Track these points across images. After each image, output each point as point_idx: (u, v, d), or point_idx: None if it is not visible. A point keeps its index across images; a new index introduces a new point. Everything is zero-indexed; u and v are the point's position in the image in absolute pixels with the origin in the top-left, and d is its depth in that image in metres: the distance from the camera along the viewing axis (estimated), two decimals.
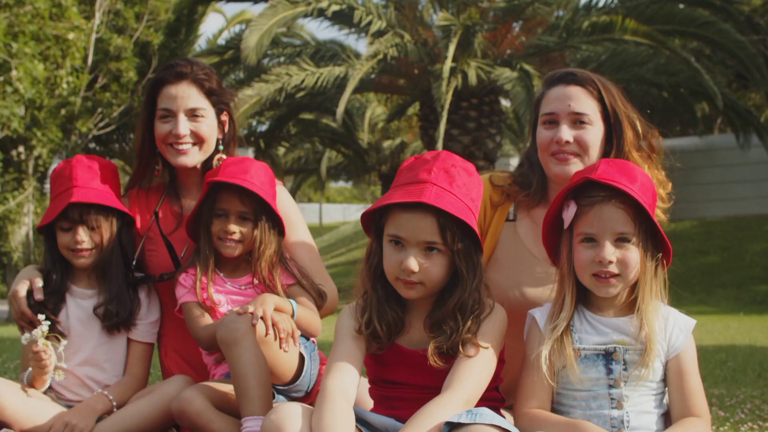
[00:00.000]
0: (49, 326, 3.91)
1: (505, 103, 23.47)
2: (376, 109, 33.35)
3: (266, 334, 3.75)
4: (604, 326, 3.30)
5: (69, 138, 22.18)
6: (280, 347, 3.81)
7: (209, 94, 4.36)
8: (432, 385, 3.22)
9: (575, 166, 3.82)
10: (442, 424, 2.97)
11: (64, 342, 4.00)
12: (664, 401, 3.33)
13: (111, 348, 4.25)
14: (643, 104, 23.65)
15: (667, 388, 3.32)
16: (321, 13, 21.67)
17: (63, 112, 21.63)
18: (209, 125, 4.37)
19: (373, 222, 3.37)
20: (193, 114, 4.32)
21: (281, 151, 34.50)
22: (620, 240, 3.23)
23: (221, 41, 28.54)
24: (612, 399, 3.25)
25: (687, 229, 24.28)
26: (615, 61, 20.35)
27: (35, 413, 3.93)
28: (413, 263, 3.19)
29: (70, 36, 19.54)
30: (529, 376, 3.32)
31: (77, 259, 4.20)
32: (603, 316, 3.32)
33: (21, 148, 21.96)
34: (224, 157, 4.38)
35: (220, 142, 4.45)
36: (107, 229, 4.23)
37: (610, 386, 3.25)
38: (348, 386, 3.17)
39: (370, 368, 3.45)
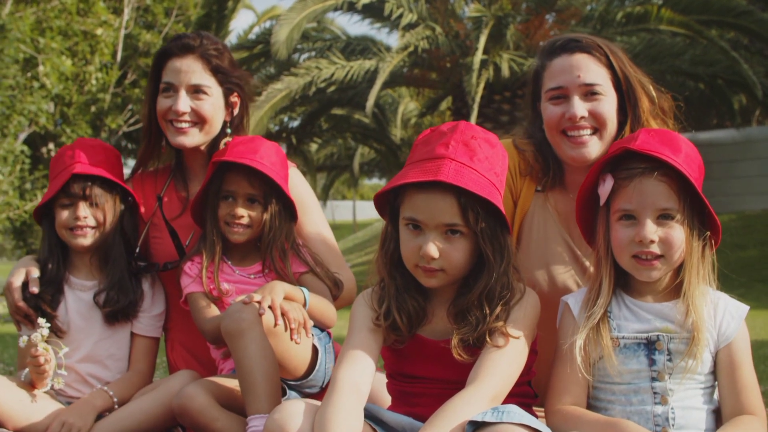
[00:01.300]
0: (49, 328, 3.62)
1: None
2: (408, 105, 33.05)
3: (275, 324, 3.45)
4: (646, 312, 2.97)
5: (99, 134, 22.05)
6: (291, 339, 3.51)
7: (216, 71, 4.07)
8: (455, 379, 2.89)
9: (594, 145, 3.51)
10: (465, 423, 2.64)
11: (65, 348, 3.68)
12: (715, 397, 3.00)
13: (113, 343, 3.98)
14: (679, 96, 23.13)
15: (717, 382, 2.98)
16: (351, 7, 21.47)
17: (93, 108, 21.52)
18: (213, 105, 4.07)
19: (388, 203, 3.04)
20: (195, 90, 4.04)
21: (313, 147, 34.31)
22: (663, 217, 2.90)
23: (252, 37, 28.32)
24: (655, 393, 2.91)
25: (725, 222, 23.69)
26: (650, 52, 19.92)
27: (31, 411, 3.67)
28: (433, 249, 2.86)
29: (98, 32, 19.39)
30: (562, 369, 2.99)
31: (76, 238, 3.92)
32: (644, 302, 2.99)
33: (51, 145, 21.87)
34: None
35: (228, 125, 4.16)
36: (110, 208, 3.97)
37: (653, 379, 2.92)
38: (360, 379, 2.85)
39: (387, 361, 3.15)
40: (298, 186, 4.08)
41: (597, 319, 2.93)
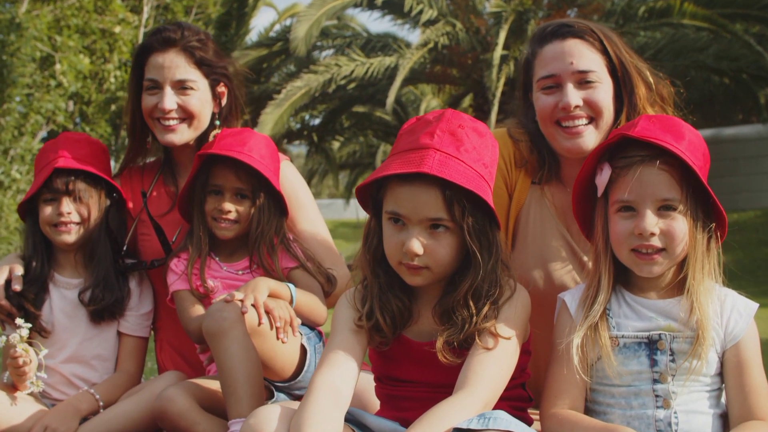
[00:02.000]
0: (30, 328, 3.47)
1: None
2: (431, 102, 32.79)
3: (259, 323, 3.28)
4: (647, 309, 2.78)
5: (118, 133, 22.00)
6: (278, 338, 3.34)
7: (201, 63, 3.91)
8: (444, 382, 2.71)
9: (590, 135, 3.32)
10: (451, 430, 2.46)
11: (44, 350, 3.53)
12: (722, 400, 2.80)
13: (99, 343, 3.83)
14: (704, 91, 22.91)
15: (724, 385, 2.78)
16: (371, 3, 21.34)
17: (112, 107, 21.44)
18: (200, 99, 3.91)
19: (371, 197, 2.86)
20: (181, 86, 3.88)
21: (335, 145, 34.17)
22: (664, 208, 2.70)
23: (272, 35, 28.25)
24: (657, 396, 2.72)
25: (750, 219, 23.38)
26: (674, 47, 19.60)
27: (12, 413, 3.52)
28: (416, 245, 2.68)
29: (117, 29, 19.28)
30: (558, 371, 2.80)
31: (60, 235, 3.78)
32: (646, 298, 2.80)
33: None
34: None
35: (216, 116, 4.00)
36: (95, 203, 3.83)
37: (655, 381, 2.72)
38: (339, 383, 2.66)
39: (374, 363, 2.97)
40: (292, 180, 3.92)
41: (596, 317, 2.75)
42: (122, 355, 3.86)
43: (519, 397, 2.90)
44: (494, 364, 2.65)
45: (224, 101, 4.03)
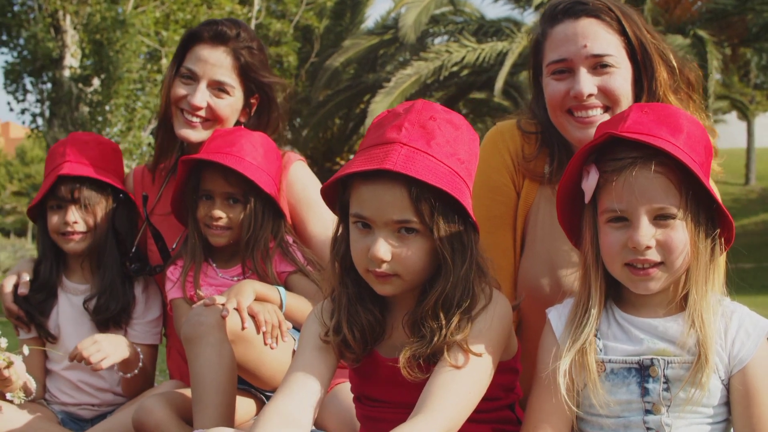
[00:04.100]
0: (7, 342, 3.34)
1: None
2: None
3: (242, 327, 3.06)
4: (639, 330, 2.42)
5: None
6: (265, 343, 3.12)
7: (245, 70, 3.69)
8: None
9: None
10: None
11: (18, 359, 3.37)
12: None
13: None
14: None
15: (731, 416, 2.41)
16: None
17: None
18: (231, 105, 3.71)
19: (338, 198, 2.58)
20: (217, 87, 3.67)
21: None
22: (661, 217, 2.34)
23: (388, 23, 28.16)
24: (648, 429, 2.36)
25: None
26: None
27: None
28: (382, 250, 2.39)
29: None
30: (542, 398, 2.47)
31: (67, 243, 3.66)
32: (638, 317, 2.44)
33: None
34: None
35: (241, 125, 3.78)
36: (102, 209, 3.69)
37: (647, 412, 2.37)
38: (296, 410, 2.40)
39: (351, 382, 2.72)
40: (303, 180, 3.70)
41: (585, 341, 2.40)
42: None
43: (505, 419, 2.60)
44: (460, 384, 2.35)
45: (252, 112, 3.81)
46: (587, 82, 2.95)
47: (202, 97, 3.65)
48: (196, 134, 3.71)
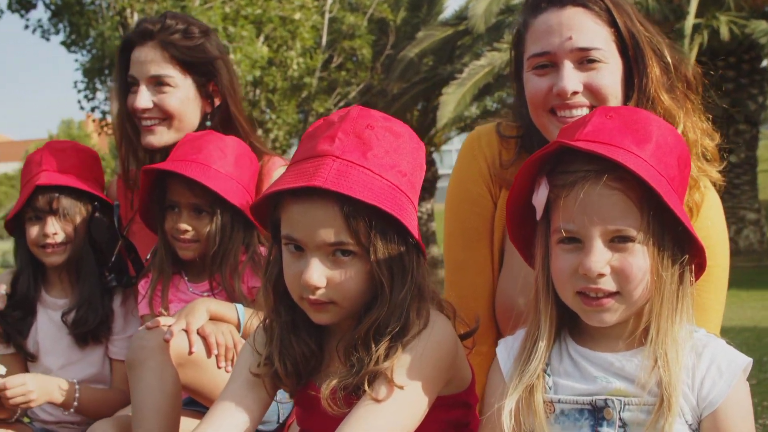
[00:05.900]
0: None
1: None
2: None
3: (190, 352, 2.86)
4: (593, 366, 2.12)
5: (306, 119, 22.21)
6: (219, 366, 2.93)
7: (181, 57, 3.52)
8: None
9: None
10: None
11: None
12: None
13: (83, 368, 3.52)
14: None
15: None
16: None
17: (304, 93, 21.61)
18: (180, 98, 3.53)
19: (270, 218, 2.33)
20: (156, 83, 3.52)
21: None
22: (618, 240, 2.03)
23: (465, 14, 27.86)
24: None
25: None
26: None
27: None
28: (316, 275, 2.14)
29: (296, 16, 19.32)
30: None
31: (48, 257, 3.51)
32: (595, 350, 2.14)
33: (258, 132, 22.13)
34: None
35: (208, 117, 3.59)
36: (81, 218, 3.53)
37: None
38: None
39: (296, 416, 2.50)
40: None
41: (534, 377, 2.12)
42: (115, 381, 3.54)
43: None
44: (378, 419, 2.09)
45: (216, 101, 3.61)
46: (572, 78, 2.64)
47: (143, 97, 3.52)
48: (156, 138, 3.56)
